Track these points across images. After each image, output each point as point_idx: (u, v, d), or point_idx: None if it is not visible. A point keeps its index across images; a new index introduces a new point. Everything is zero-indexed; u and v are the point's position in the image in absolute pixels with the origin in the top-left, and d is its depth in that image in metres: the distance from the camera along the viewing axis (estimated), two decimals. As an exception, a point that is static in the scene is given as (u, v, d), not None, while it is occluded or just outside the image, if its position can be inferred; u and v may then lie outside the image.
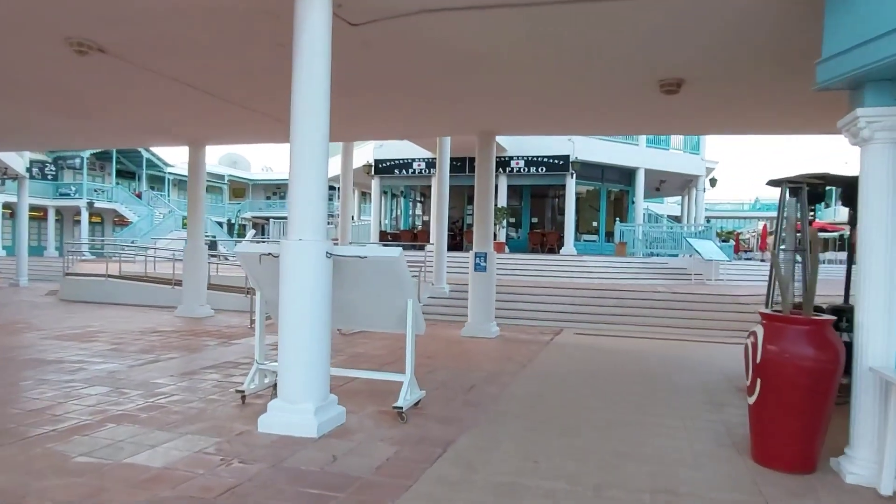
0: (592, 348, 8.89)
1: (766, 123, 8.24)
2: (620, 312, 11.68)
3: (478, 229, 9.97)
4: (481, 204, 9.94)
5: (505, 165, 19.50)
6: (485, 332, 9.73)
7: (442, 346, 8.77)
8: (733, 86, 6.37)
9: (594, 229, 21.61)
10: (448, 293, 13.04)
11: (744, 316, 11.16)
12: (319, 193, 4.41)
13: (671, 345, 9.45)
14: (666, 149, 21.46)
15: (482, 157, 9.94)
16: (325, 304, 4.38)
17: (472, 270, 9.92)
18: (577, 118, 8.51)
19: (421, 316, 5.12)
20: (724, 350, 9.01)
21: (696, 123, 8.18)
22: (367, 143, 22.00)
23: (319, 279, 4.33)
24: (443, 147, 13.19)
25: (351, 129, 10.27)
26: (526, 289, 13.00)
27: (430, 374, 6.56)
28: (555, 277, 15.65)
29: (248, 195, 49.92)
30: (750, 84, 6.37)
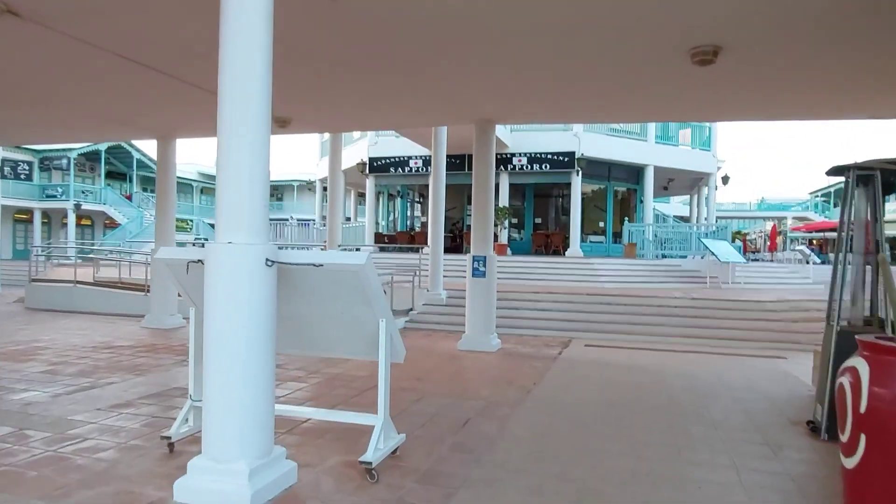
0: (606, 365, 7.77)
1: (813, 104, 7.11)
2: (635, 321, 10.56)
3: (476, 230, 8.86)
4: (480, 201, 8.84)
5: (506, 163, 18.40)
6: (484, 345, 8.62)
7: (435, 362, 7.66)
8: (783, 54, 5.26)
9: (601, 230, 20.49)
10: (445, 300, 11.94)
11: (774, 325, 10.04)
12: (256, 182, 3.31)
13: (696, 360, 8.32)
14: (675, 145, 20.35)
15: (480, 149, 8.85)
16: (266, 327, 3.28)
17: (469, 276, 8.81)
18: (589, 102, 7.40)
19: (399, 340, 4.02)
20: (759, 366, 7.88)
21: (732, 104, 7.04)
22: (361, 140, 20.94)
23: (257, 293, 3.23)
24: (438, 140, 12.10)
25: (334, 118, 9.19)
26: (530, 294, 11.90)
27: (417, 403, 5.45)
28: (561, 281, 14.52)
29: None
30: (802, 53, 5.27)
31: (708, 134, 21.29)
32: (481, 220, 8.82)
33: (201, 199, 45.90)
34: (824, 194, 43.55)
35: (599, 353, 8.80)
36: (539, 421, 4.98)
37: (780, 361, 8.32)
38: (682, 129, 21.24)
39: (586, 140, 17.92)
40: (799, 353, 8.98)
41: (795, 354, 8.90)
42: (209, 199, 46.92)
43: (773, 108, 7.10)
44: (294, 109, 8.29)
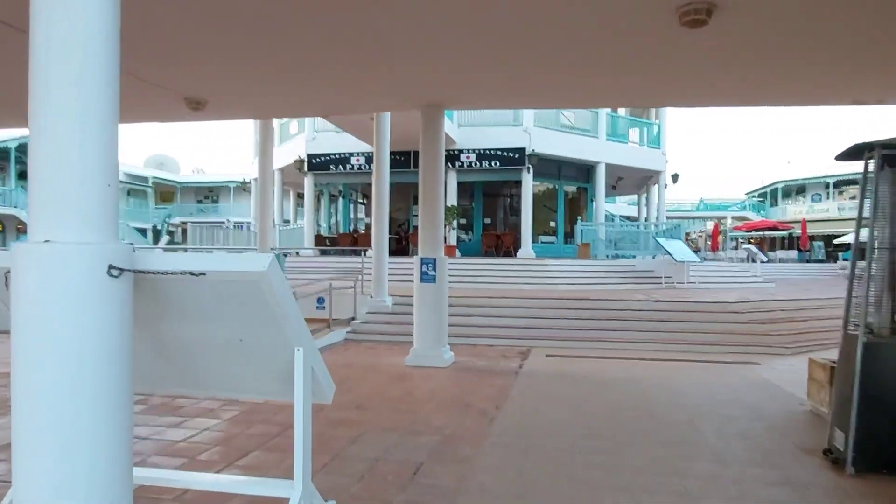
0: (574, 380, 6.89)
1: (809, 89, 6.43)
2: (597, 326, 9.78)
3: (424, 229, 7.84)
4: (428, 197, 7.82)
5: (454, 159, 17.48)
6: (435, 359, 7.60)
7: (379, 383, 6.58)
8: (786, 13, 4.48)
9: (552, 230, 19.86)
10: (391, 307, 10.85)
11: (741, 328, 9.45)
12: (93, 147, 2.15)
13: (668, 368, 7.57)
14: (625, 142, 19.98)
15: (428, 138, 7.83)
16: (110, 363, 2.13)
17: (417, 282, 7.77)
18: (554, 82, 6.49)
19: (324, 374, 2.94)
20: (736, 374, 7.18)
21: (720, 83, 6.26)
22: (298, 136, 19.57)
23: (94, 315, 2.08)
24: (380, 133, 11.01)
25: (261, 102, 7.96)
26: (483, 299, 10.96)
27: (356, 443, 4.36)
28: (515, 285, 13.67)
29: (177, 199, 46.21)
30: (810, 15, 4.51)
31: (657, 132, 21.04)
32: (430, 217, 7.80)
33: (128, 202, 43.08)
34: (760, 195, 44.90)
35: (563, 364, 7.93)
36: (509, 463, 3.99)
37: (755, 368, 7.67)
38: (632, 127, 20.92)
39: (537, 136, 17.22)
40: (771, 358, 8.41)
41: (768, 359, 8.31)
42: (137, 202, 44.15)
43: (763, 88, 6.38)
44: (210, 88, 7.04)
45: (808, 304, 11.18)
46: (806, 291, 14.48)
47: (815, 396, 5.39)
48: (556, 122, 18.25)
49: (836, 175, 37.15)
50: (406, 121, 11.64)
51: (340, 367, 7.55)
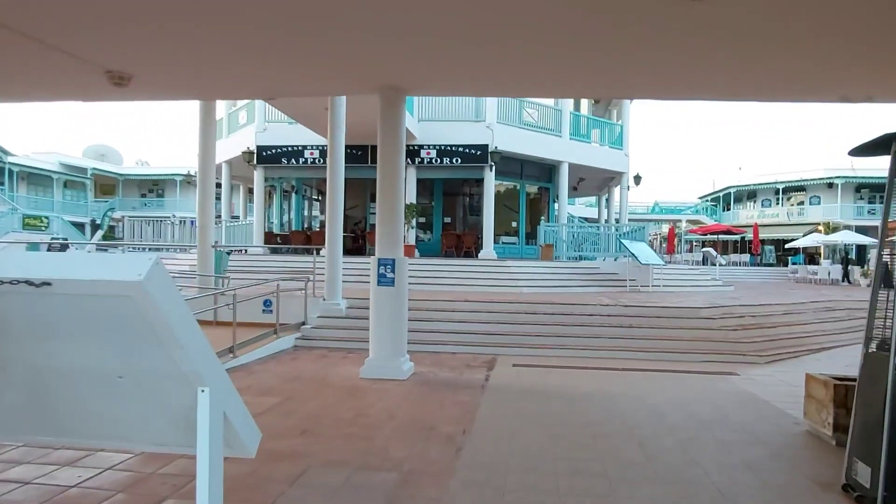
0: (546, 396, 6.24)
1: (797, 83, 5.95)
2: (565, 333, 9.21)
3: (382, 227, 7.08)
4: (388, 190, 7.06)
5: (414, 155, 16.70)
6: (393, 371, 6.84)
7: (329, 401, 5.79)
8: (772, 4, 3.92)
9: (513, 230, 19.31)
10: (345, 311, 10.02)
11: (713, 335, 9.04)
12: None
13: (643, 380, 7.03)
14: (588, 142, 19.62)
15: (387, 126, 7.07)
16: None
17: (374, 285, 7.00)
18: (528, 65, 5.83)
19: (245, 421, 2.16)
20: (717, 388, 6.68)
21: (718, 72, 5.70)
22: (248, 126, 18.43)
23: None
24: (335, 122, 10.15)
25: (197, 80, 7.03)
26: (444, 303, 10.26)
27: (296, 485, 3.58)
28: (477, 287, 13.03)
29: (119, 192, 43.80)
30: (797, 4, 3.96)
31: (619, 132, 20.78)
32: (389, 214, 7.05)
33: (64, 194, 40.55)
34: (713, 199, 45.77)
35: (532, 375, 7.30)
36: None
37: (733, 380, 7.21)
38: (595, 127, 20.59)
39: (500, 133, 16.62)
40: (747, 367, 7.99)
41: (743, 368, 7.89)
42: (75, 194, 41.63)
43: (747, 81, 5.87)
44: (135, 61, 6.09)
45: (774, 309, 10.92)
46: (768, 296, 14.36)
47: (813, 416, 4.89)
48: (519, 120, 17.70)
49: (784, 182, 38.09)
50: (364, 113, 10.83)
51: (286, 380, 6.71)
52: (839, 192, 35.47)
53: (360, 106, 11.03)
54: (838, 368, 8.10)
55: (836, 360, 8.78)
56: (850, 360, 8.79)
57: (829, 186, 36.21)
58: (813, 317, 11.21)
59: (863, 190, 36.78)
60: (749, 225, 34.87)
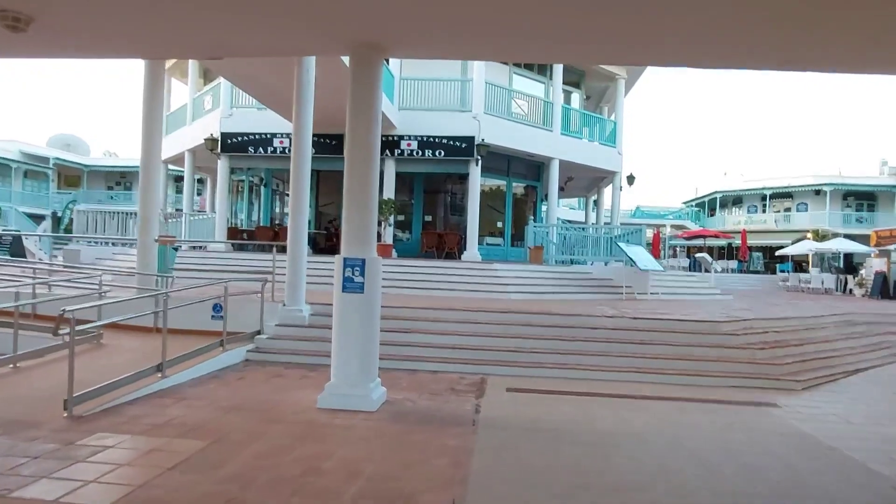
0: (556, 435, 4.89)
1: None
2: (566, 349, 7.88)
3: (351, 220, 5.65)
4: (358, 175, 5.65)
5: (393, 147, 15.27)
6: (360, 400, 5.42)
7: (273, 446, 4.35)
8: None
9: (498, 231, 17.98)
10: (308, 319, 8.57)
11: (739, 354, 7.78)
12: None
13: (671, 412, 5.73)
14: (580, 137, 18.38)
15: (360, 95, 5.67)
16: None
17: (338, 290, 5.58)
18: (545, 12, 4.46)
19: None
20: (763, 426, 5.38)
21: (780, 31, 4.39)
22: (212, 112, 16.82)
23: None
24: (302, 98, 8.68)
25: (110, 28, 5.52)
26: (424, 311, 8.87)
27: None
28: (460, 292, 11.66)
29: (84, 184, 41.54)
30: None
31: (612, 128, 19.58)
32: (359, 203, 5.63)
33: (24, 185, 38.24)
34: (698, 204, 45.06)
35: (532, 404, 5.95)
36: None
37: (778, 413, 5.94)
38: (586, 124, 19.37)
39: (487, 124, 15.28)
40: (786, 396, 6.74)
41: (783, 397, 6.63)
42: (36, 185, 39.32)
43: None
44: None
45: (794, 323, 9.74)
46: (776, 307, 13.25)
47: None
48: (507, 111, 16.39)
49: (772, 188, 37.46)
50: (340, 97, 9.38)
51: (224, 411, 5.26)
52: (828, 200, 34.90)
53: (336, 86, 9.56)
54: (888, 398, 6.97)
55: (879, 386, 7.62)
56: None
57: (817, 193, 35.64)
58: (836, 332, 10.05)
59: (849, 198, 36.31)
60: (735, 231, 34.09)
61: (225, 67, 11.28)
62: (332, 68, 9.63)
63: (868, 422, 5.70)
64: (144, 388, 5.74)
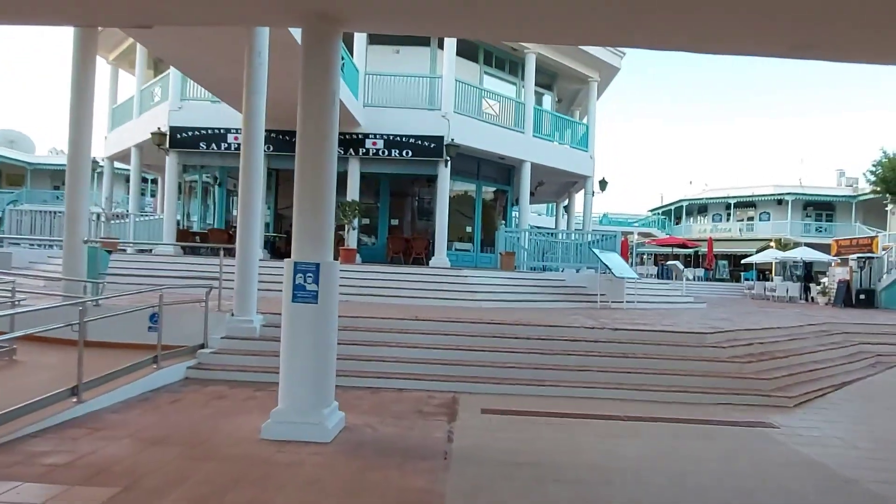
0: (540, 471, 4.20)
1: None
2: (543, 363, 7.23)
3: (302, 217, 4.87)
4: (310, 164, 4.88)
5: (357, 145, 14.47)
6: (312, 430, 4.63)
7: (198, 489, 3.54)
8: None
9: (467, 236, 17.32)
10: (259, 331, 7.71)
11: (726, 368, 7.26)
12: None
13: (665, 436, 5.12)
14: (551, 140, 17.88)
15: (313, 74, 4.92)
16: None
17: (287, 300, 4.79)
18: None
19: None
20: (765, 449, 4.80)
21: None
22: (161, 104, 15.71)
23: None
24: (253, 80, 7.80)
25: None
26: (390, 321, 8.11)
27: None
28: (428, 300, 10.92)
29: (28, 183, 39.34)
30: None
31: (584, 131, 19.18)
32: (312, 199, 4.85)
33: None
34: (664, 212, 45.39)
35: (511, 429, 5.26)
36: None
37: (777, 435, 5.39)
38: (558, 127, 18.91)
39: (457, 124, 14.63)
40: (780, 414, 6.22)
41: (778, 415, 6.11)
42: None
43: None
44: None
45: (776, 334, 9.32)
46: (750, 315, 12.92)
47: None
48: (478, 111, 15.78)
49: (736, 196, 37.90)
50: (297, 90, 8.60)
51: (148, 444, 4.41)
52: (789, 209, 35.44)
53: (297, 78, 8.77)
54: (884, 416, 6.50)
55: (870, 401, 7.19)
56: (888, 402, 7.32)
57: (779, 203, 36.18)
58: (816, 342, 9.68)
59: (809, 208, 36.98)
60: (702, 239, 34.28)
61: (170, 51, 10.32)
62: (293, 53, 8.80)
63: (876, 447, 5.19)
64: (54, 417, 4.83)
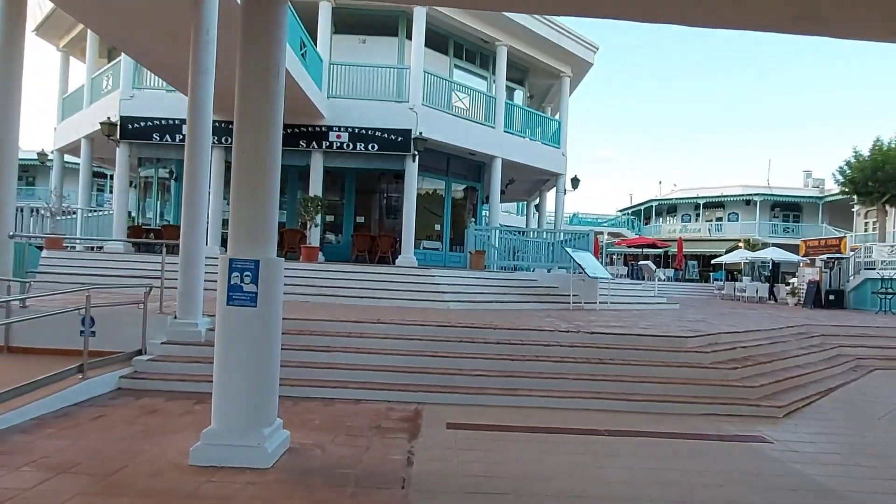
0: (513, 501, 3.63)
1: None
2: (515, 369, 6.68)
3: (239, 206, 4.21)
4: (250, 145, 4.23)
5: (321, 138, 13.76)
6: (248, 453, 3.98)
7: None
8: None
9: (436, 234, 16.74)
10: (205, 335, 6.98)
11: (709, 375, 6.82)
12: None
13: (651, 454, 4.60)
14: (522, 136, 17.40)
15: (252, 37, 4.28)
16: None
17: (221, 303, 4.12)
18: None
19: None
20: (766, 476, 4.31)
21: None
22: (112, 93, 14.74)
23: None
24: (199, 58, 7.07)
25: None
26: (350, 324, 7.47)
27: None
28: (393, 301, 10.31)
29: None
30: None
31: (556, 128, 18.76)
32: (253, 186, 4.20)
33: None
34: (633, 212, 45.53)
35: (480, 448, 4.69)
36: None
37: (770, 450, 4.93)
38: (530, 121, 18.45)
39: (426, 117, 14.03)
40: (769, 425, 5.79)
41: (767, 427, 5.68)
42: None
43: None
44: None
45: (757, 337, 8.98)
46: (724, 316, 12.64)
47: None
48: (447, 104, 15.22)
49: (705, 197, 38.15)
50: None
51: (51, 473, 3.71)
52: (757, 210, 35.78)
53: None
54: (876, 427, 6.05)
55: (858, 409, 6.83)
56: (876, 410, 6.95)
57: (747, 203, 36.51)
58: (796, 346, 9.37)
59: (776, 208, 37.42)
60: (672, 239, 34.37)
61: (114, 32, 9.51)
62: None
63: (879, 464, 4.77)
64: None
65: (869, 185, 25.92)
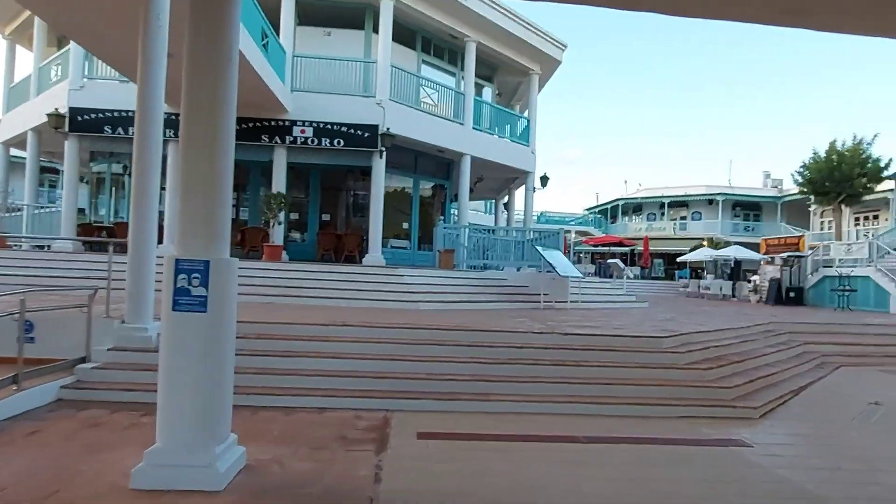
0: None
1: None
2: (488, 373, 6.42)
3: (187, 199, 3.83)
4: (198, 132, 3.85)
5: (285, 133, 13.27)
6: (198, 474, 3.61)
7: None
8: None
9: (404, 233, 16.40)
10: (155, 341, 6.50)
11: (685, 376, 6.68)
12: None
13: (631, 461, 4.39)
14: (492, 133, 17.20)
15: (201, 15, 3.89)
16: None
17: (166, 309, 3.73)
18: None
19: None
20: (749, 483, 4.13)
21: None
22: (60, 83, 13.95)
23: None
24: (150, 42, 6.61)
25: None
26: (314, 327, 7.10)
27: None
28: (361, 301, 9.95)
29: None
30: None
31: (525, 126, 18.62)
32: (202, 179, 3.83)
33: None
34: (600, 211, 45.94)
35: (453, 459, 4.40)
36: None
37: (753, 457, 4.77)
38: (499, 118, 18.26)
39: (393, 112, 13.68)
40: (746, 426, 5.66)
41: (744, 429, 5.54)
42: None
43: None
44: None
45: (727, 335, 8.92)
46: (692, 315, 12.65)
47: None
48: (415, 100, 14.89)
49: (671, 196, 38.69)
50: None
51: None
52: (720, 209, 36.44)
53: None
54: (851, 427, 5.95)
55: (832, 409, 6.79)
56: (848, 409, 6.92)
57: (710, 203, 37.16)
58: (765, 344, 9.37)
59: (737, 208, 38.20)
60: (638, 238, 34.73)
61: (59, 16, 8.87)
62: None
63: (863, 468, 4.64)
64: None
65: (826, 185, 26.60)
